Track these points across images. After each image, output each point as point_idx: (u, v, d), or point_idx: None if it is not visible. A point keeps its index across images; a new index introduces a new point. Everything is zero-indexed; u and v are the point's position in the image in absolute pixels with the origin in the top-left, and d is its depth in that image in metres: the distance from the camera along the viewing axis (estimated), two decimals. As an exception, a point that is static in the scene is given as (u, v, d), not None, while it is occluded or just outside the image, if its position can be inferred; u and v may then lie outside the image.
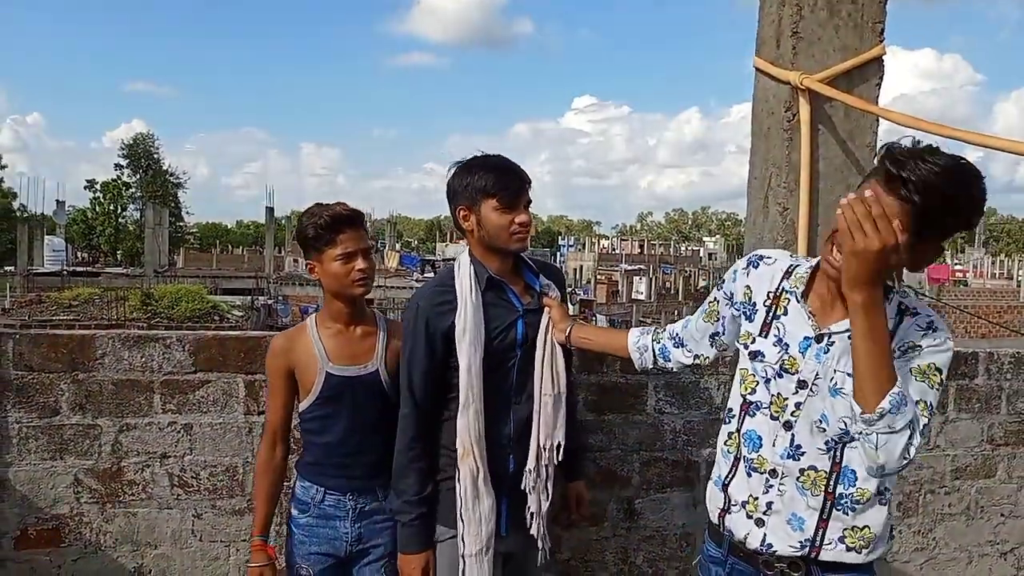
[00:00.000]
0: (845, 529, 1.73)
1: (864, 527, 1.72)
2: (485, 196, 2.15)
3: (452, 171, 2.25)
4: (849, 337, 1.65)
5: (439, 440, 2.24)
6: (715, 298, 2.02)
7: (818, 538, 1.73)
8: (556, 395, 2.26)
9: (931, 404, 1.62)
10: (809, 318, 1.77)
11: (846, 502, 1.72)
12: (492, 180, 2.14)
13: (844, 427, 1.68)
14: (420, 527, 2.20)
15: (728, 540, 1.89)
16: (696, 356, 2.12)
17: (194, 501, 2.72)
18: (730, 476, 1.89)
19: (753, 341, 1.87)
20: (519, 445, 2.24)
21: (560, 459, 2.28)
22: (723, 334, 2.03)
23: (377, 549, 2.35)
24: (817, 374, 1.73)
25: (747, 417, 1.86)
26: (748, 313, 1.89)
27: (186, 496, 2.71)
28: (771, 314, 1.84)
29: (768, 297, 1.85)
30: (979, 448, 3.31)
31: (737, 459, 1.87)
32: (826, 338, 1.73)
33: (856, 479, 1.71)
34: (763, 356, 1.84)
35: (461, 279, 2.20)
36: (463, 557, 2.16)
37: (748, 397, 1.86)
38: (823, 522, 1.73)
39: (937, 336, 1.65)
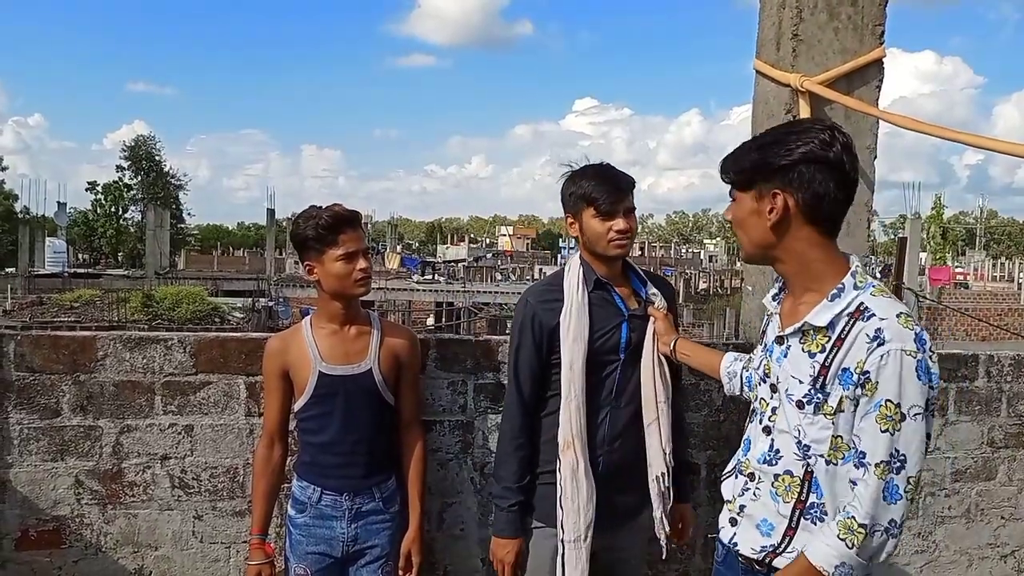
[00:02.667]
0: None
1: None
2: (585, 204, 2.24)
3: (562, 180, 2.34)
4: (800, 341, 1.69)
5: (539, 434, 2.31)
6: None
7: (782, 546, 1.71)
8: (668, 400, 2.32)
9: (898, 454, 1.54)
10: (778, 319, 1.80)
11: (815, 512, 1.68)
12: (591, 188, 2.23)
13: (797, 435, 1.68)
14: (516, 514, 2.28)
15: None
16: None
17: (195, 502, 2.72)
18: (728, 474, 1.93)
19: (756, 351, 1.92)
20: (612, 448, 2.29)
21: (673, 463, 2.35)
22: None
23: (374, 550, 2.35)
24: (779, 377, 1.74)
25: (749, 423, 1.89)
26: (767, 319, 1.92)
27: (187, 497, 2.71)
28: (766, 322, 1.88)
29: (773, 300, 1.88)
30: (979, 450, 3.31)
31: (739, 459, 1.90)
32: (785, 340, 1.74)
33: (826, 490, 1.66)
34: (754, 361, 1.91)
35: (570, 279, 2.29)
36: (562, 543, 2.23)
37: (753, 403, 1.89)
38: (791, 530, 1.70)
39: (887, 354, 1.53)
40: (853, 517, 1.58)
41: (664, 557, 2.40)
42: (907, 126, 2.52)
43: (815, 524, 1.68)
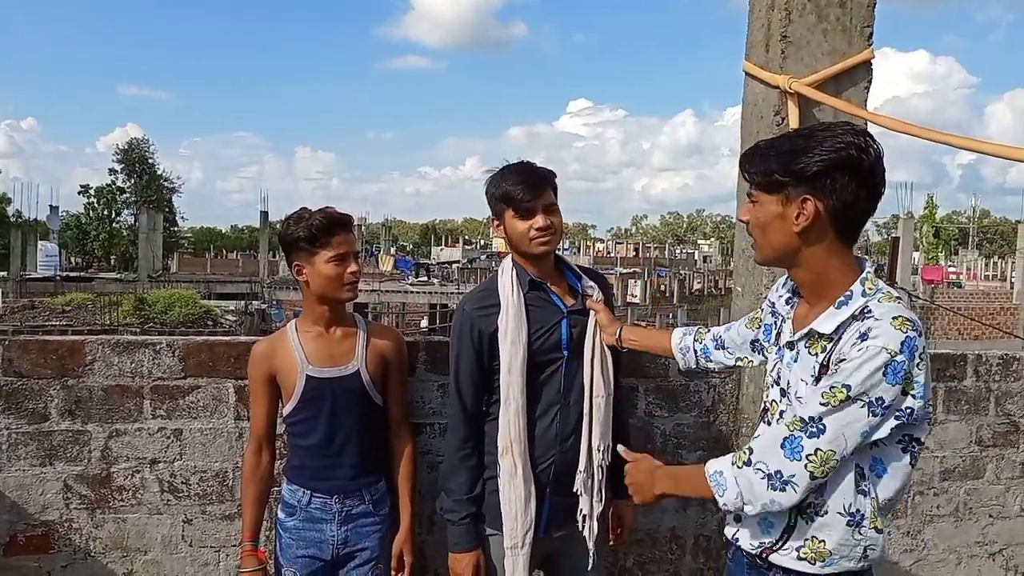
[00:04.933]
0: (804, 538, 1.71)
1: (821, 540, 1.69)
2: (505, 205, 2.22)
3: (485, 185, 2.30)
4: (806, 345, 1.70)
5: (487, 441, 2.28)
6: (761, 307, 2.07)
7: (779, 543, 1.73)
8: (607, 396, 2.29)
9: (819, 422, 1.57)
10: (790, 324, 1.80)
11: (811, 511, 1.69)
12: (508, 189, 2.20)
13: None
14: (469, 526, 2.25)
15: None
16: (738, 359, 2.15)
17: (184, 506, 2.71)
18: None
19: (769, 350, 1.93)
20: (565, 447, 2.26)
21: (609, 461, 2.30)
22: (765, 341, 2.02)
23: (364, 552, 2.35)
24: (789, 382, 1.75)
25: (760, 423, 1.89)
26: (778, 321, 1.91)
27: (176, 501, 2.70)
28: (782, 321, 1.88)
29: (786, 304, 1.88)
30: (967, 450, 3.32)
31: None
32: (795, 345, 1.75)
33: (824, 491, 1.67)
34: (767, 363, 1.91)
35: (504, 282, 2.26)
36: (506, 550, 2.22)
37: (764, 403, 1.89)
38: (789, 528, 1.72)
39: (865, 348, 1.55)
40: (750, 447, 1.66)
41: (590, 567, 2.31)
42: (896, 128, 2.52)
43: (808, 524, 1.69)
